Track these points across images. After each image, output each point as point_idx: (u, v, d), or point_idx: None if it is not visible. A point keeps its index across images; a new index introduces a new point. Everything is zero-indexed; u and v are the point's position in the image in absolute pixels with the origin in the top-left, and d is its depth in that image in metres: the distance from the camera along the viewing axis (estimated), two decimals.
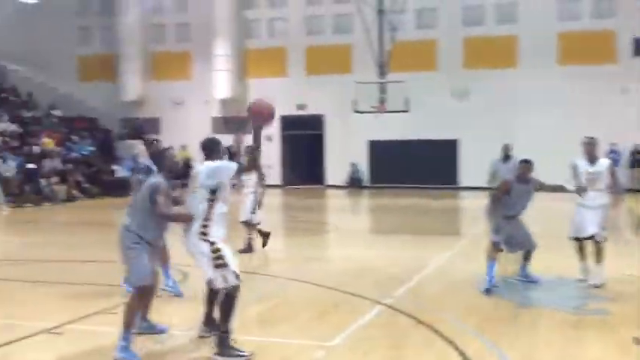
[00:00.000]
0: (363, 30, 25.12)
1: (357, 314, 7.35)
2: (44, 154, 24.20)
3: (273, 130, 30.55)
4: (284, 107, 30.22)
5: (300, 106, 30.11)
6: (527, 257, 8.96)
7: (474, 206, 16.05)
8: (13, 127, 25.86)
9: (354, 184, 29.48)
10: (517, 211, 8.79)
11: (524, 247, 8.90)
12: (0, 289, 8.75)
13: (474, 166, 24.51)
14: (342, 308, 7.76)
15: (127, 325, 5.78)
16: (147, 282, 6.01)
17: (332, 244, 14.25)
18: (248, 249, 11.82)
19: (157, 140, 13.78)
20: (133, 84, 31.34)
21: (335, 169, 29.93)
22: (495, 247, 8.68)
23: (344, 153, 29.58)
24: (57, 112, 29.89)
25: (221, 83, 30.29)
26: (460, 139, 28.13)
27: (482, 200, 9.04)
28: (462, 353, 5.95)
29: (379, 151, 29.12)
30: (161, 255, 8.07)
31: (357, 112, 25.13)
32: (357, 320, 7.08)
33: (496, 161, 12.67)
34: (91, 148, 27.78)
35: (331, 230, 16.21)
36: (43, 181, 22.53)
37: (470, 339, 6.44)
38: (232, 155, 25.48)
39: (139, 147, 31.00)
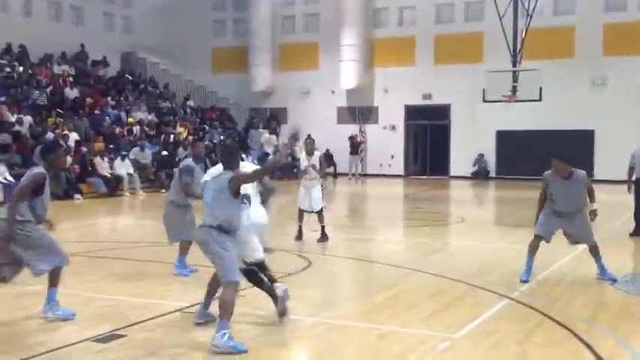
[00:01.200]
0: (496, 17, 24.29)
1: (482, 307, 7.19)
2: (178, 143, 25.35)
3: (396, 120, 30.46)
4: (409, 96, 30.07)
5: (426, 96, 29.79)
6: (593, 254, 8.48)
7: (609, 200, 15.24)
8: (150, 117, 27.28)
9: (480, 175, 28.85)
10: (564, 208, 8.32)
11: (580, 241, 8.57)
12: (138, 270, 9.27)
13: (611, 158, 23.31)
14: (467, 301, 7.61)
15: (228, 317, 5.73)
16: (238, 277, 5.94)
17: (456, 236, 14.01)
18: (325, 237, 11.63)
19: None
20: (262, 75, 32.18)
21: (460, 160, 29.41)
22: (535, 239, 8.50)
23: (470, 143, 29.00)
24: (191, 103, 31.22)
25: (347, 73, 30.47)
26: (596, 130, 26.83)
27: (618, 194, 8.57)
28: (592, 351, 5.69)
29: (507, 141, 28.31)
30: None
31: (486, 101, 24.50)
32: (483, 313, 6.92)
33: (635, 153, 12.01)
34: (221, 137, 28.80)
35: (456, 222, 15.95)
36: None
37: (601, 336, 6.15)
38: (356, 145, 26.00)
39: (264, 136, 31.87)
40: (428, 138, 31.23)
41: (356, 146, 29.04)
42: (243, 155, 8.69)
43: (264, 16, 32.06)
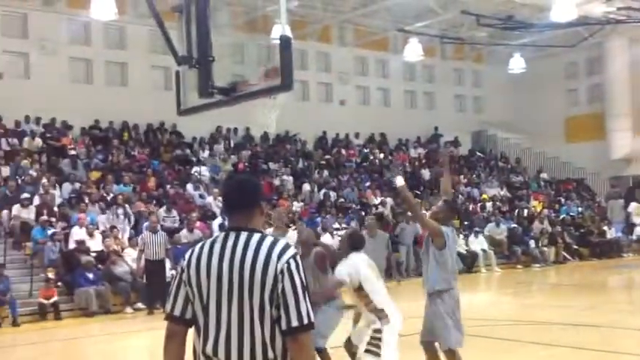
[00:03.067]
0: None
1: None
2: (532, 217, 24.70)
3: None
4: None
5: None
6: None
7: None
8: (503, 192, 27.19)
9: None
10: None
11: None
12: (493, 348, 9.05)
13: None
14: None
15: None
16: None
17: None
18: None
19: None
20: (622, 141, 30.06)
21: None
22: None
23: None
24: (544, 175, 30.45)
25: None
26: None
27: None
28: None
29: None
30: None
31: None
32: None
33: None
34: (580, 209, 27.34)
35: None
36: (532, 243, 22.94)
37: None
38: None
39: (632, 205, 29.44)
40: None
41: None
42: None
43: (621, 79, 30.12)
